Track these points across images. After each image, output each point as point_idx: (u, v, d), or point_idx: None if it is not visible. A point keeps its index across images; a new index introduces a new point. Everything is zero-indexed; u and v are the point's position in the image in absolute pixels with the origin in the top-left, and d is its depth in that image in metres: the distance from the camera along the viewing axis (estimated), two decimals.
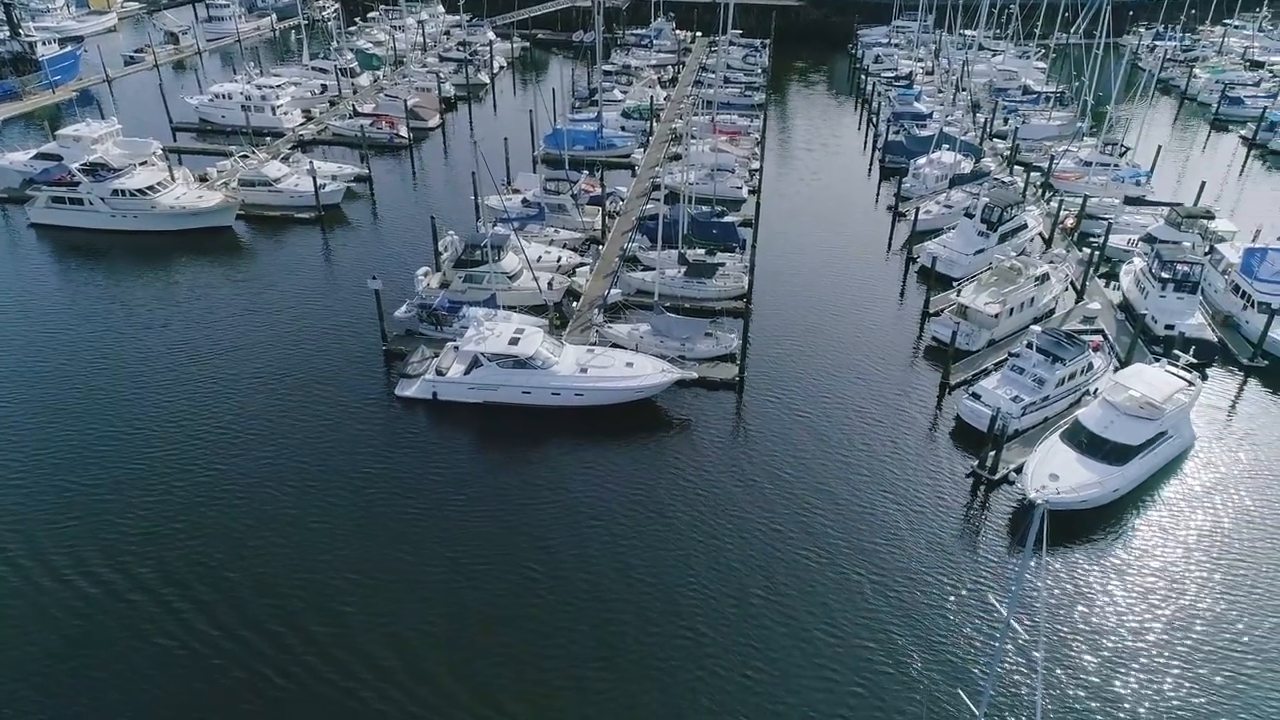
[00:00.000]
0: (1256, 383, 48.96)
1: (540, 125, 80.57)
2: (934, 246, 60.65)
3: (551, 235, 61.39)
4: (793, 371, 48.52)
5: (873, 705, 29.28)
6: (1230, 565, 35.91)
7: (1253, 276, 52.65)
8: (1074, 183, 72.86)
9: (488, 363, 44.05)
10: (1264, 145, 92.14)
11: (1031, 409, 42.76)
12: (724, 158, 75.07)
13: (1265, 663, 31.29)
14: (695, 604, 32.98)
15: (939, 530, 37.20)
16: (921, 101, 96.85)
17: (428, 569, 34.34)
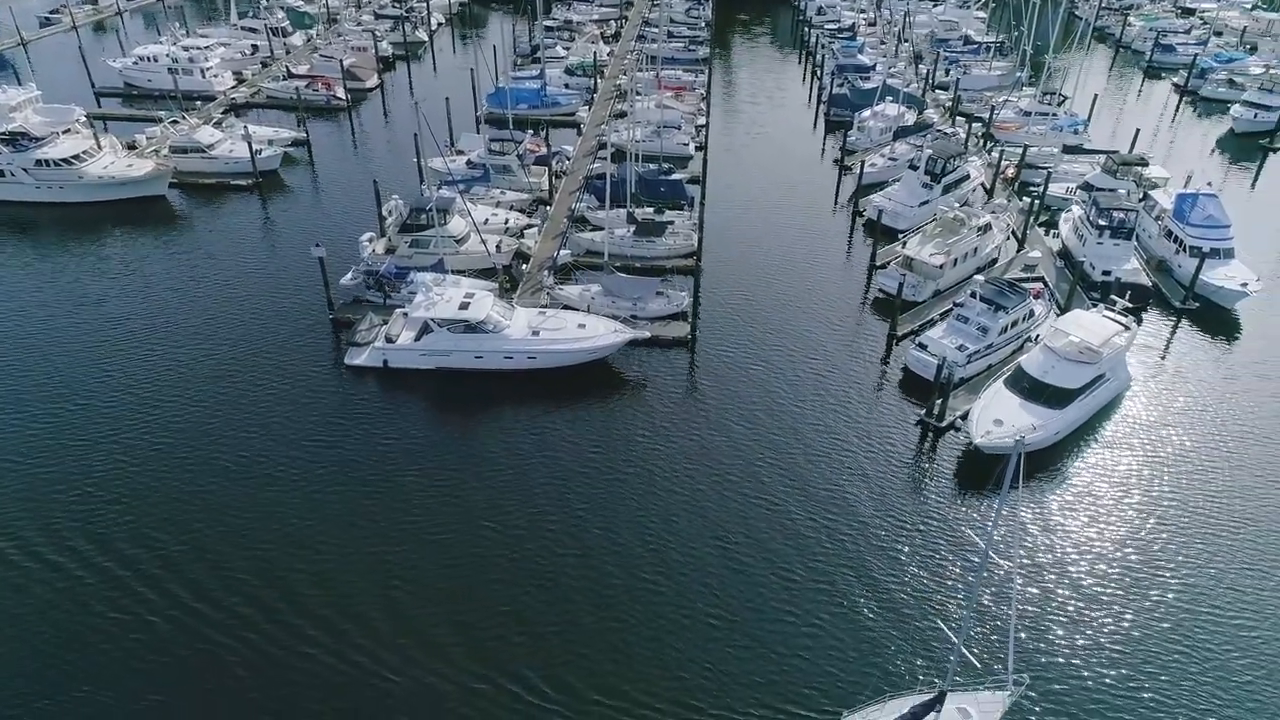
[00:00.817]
0: (1188, 324, 50.73)
1: (482, 84, 79.01)
2: (880, 199, 61.25)
3: (498, 197, 60.60)
4: (744, 327, 48.92)
5: (831, 643, 30.16)
6: (1165, 497, 37.56)
7: (1184, 221, 54.23)
8: (1014, 133, 73.99)
9: (438, 328, 43.60)
10: (1195, 92, 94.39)
11: (976, 357, 43.80)
12: (670, 114, 74.58)
13: (1199, 579, 32.97)
14: (655, 558, 33.48)
15: (890, 478, 38.13)
16: (864, 54, 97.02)
17: (385, 537, 34.20)
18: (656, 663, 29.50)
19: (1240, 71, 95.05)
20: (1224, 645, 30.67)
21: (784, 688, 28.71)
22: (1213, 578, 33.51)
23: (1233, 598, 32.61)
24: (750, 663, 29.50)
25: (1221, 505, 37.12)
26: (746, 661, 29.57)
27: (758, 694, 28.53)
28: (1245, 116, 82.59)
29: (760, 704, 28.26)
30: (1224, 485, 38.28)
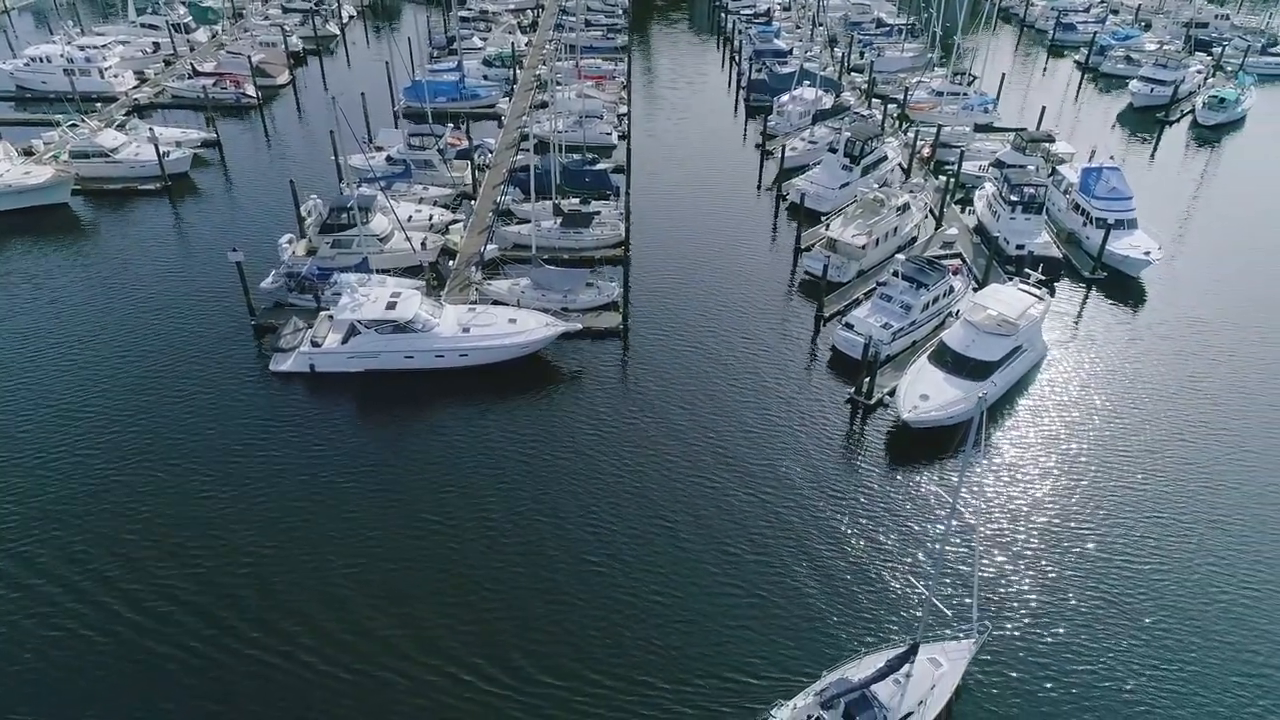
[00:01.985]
0: (1098, 293, 52.98)
1: (398, 77, 77.50)
2: (802, 183, 62.23)
3: (420, 193, 59.67)
4: (675, 314, 49.27)
5: (800, 612, 30.84)
6: (1083, 455, 39.50)
7: (1090, 195, 56.51)
8: (928, 113, 75.93)
9: (365, 330, 42.82)
10: (1095, 69, 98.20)
11: (901, 334, 45.00)
12: (591, 103, 74.38)
13: (1114, 530, 34.75)
14: (600, 541, 33.72)
15: (826, 456, 38.99)
16: (781, 38, 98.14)
17: (325, 540, 33.59)
18: (610, 643, 29.91)
19: (1136, 48, 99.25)
20: (1138, 592, 32.46)
21: (762, 653, 29.71)
22: (1126, 529, 35.47)
23: (1142, 545, 34.67)
24: (711, 635, 30.08)
25: (1132, 460, 39.27)
26: (718, 633, 30.15)
27: (738, 660, 29.48)
28: (1142, 91, 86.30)
29: (740, 670, 29.14)
30: (1134, 441, 40.43)
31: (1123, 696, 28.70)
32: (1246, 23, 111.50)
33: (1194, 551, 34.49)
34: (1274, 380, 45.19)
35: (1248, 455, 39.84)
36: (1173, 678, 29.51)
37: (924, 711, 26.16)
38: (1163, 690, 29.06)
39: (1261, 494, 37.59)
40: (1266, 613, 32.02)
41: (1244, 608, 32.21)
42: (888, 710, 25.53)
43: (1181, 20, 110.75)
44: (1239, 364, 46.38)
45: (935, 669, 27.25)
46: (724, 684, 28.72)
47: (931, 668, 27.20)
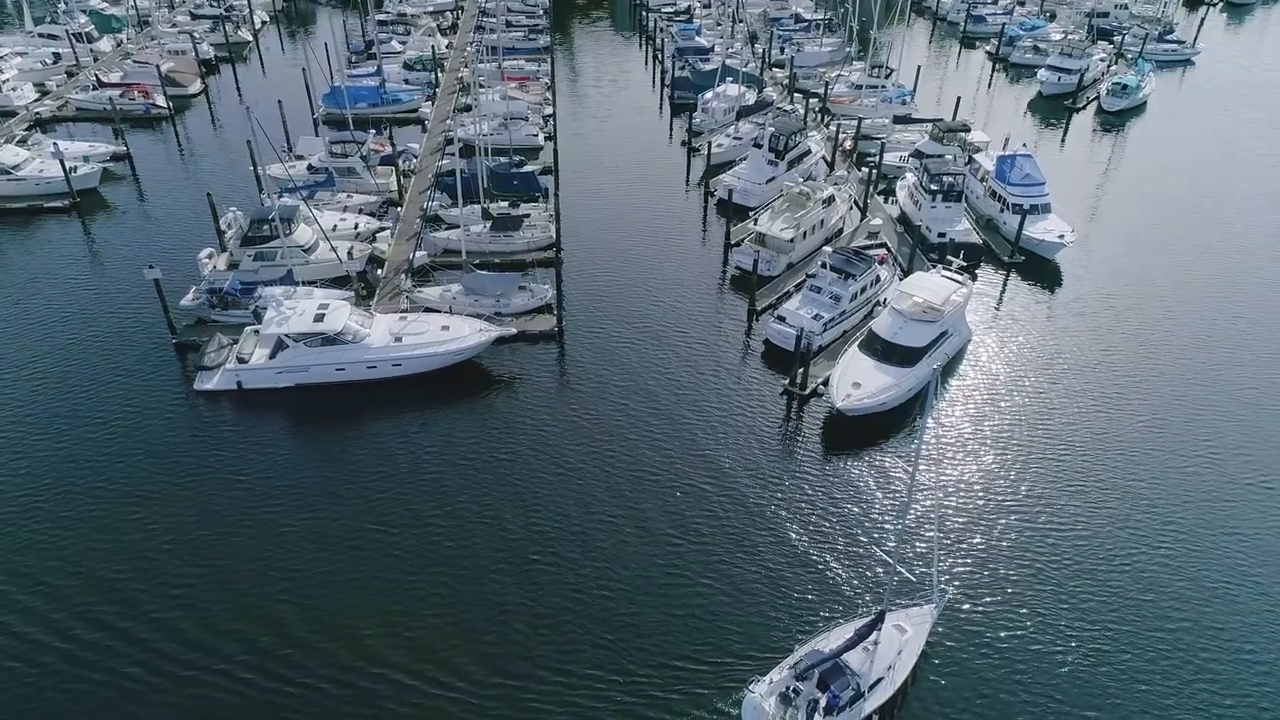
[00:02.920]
0: (1017, 277, 54.80)
1: (316, 84, 75.81)
2: (729, 178, 62.87)
3: (345, 201, 58.47)
4: (609, 314, 49.33)
5: (765, 594, 31.21)
6: (1010, 430, 41.19)
7: (1006, 181, 58.39)
8: (848, 106, 77.41)
9: (293, 343, 41.85)
10: (1005, 59, 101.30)
11: (831, 325, 45.87)
12: (516, 105, 73.91)
13: (1043, 495, 36.29)
14: (544, 540, 33.69)
15: (764, 448, 39.56)
16: (702, 36, 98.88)
17: (260, 557, 32.78)
18: (559, 638, 29.99)
19: (1042, 38, 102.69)
20: (1062, 558, 33.94)
21: (732, 636, 30.70)
22: (1050, 499, 37.08)
23: (1064, 514, 36.38)
24: (682, 622, 30.48)
25: (1054, 433, 41.04)
26: (697, 619, 30.52)
27: (714, 642, 30.44)
28: (1050, 80, 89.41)
29: (719, 650, 30.11)
30: (1055, 415, 42.21)
31: (1057, 654, 29.84)
32: (1143, 12, 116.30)
33: (1111, 518, 36.19)
34: (1181, 351, 47.50)
35: (1158, 422, 41.94)
36: (1098, 636, 30.93)
37: (893, 675, 27.53)
38: (1088, 649, 30.42)
39: (1170, 459, 39.57)
40: (1178, 571, 33.75)
41: (1157, 569, 33.90)
42: (860, 677, 26.88)
43: (1083, 10, 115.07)
44: (1148, 337, 48.64)
45: (901, 635, 28.67)
46: (704, 666, 29.45)
47: (897, 634, 28.62)
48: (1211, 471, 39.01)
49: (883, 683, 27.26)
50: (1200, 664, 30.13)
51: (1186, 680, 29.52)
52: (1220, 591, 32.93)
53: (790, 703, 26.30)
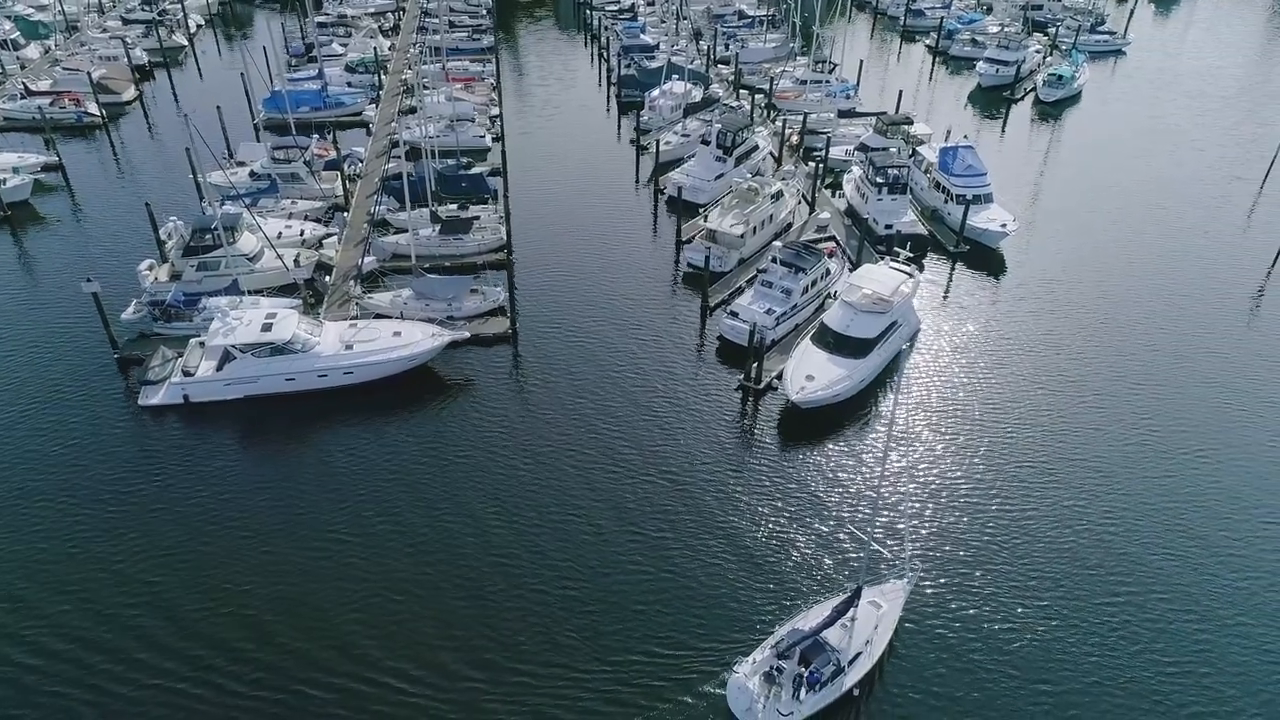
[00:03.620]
0: (962, 266, 55.93)
1: (256, 88, 74.29)
2: (678, 176, 63.09)
3: (289, 208, 57.50)
4: (564, 315, 49.22)
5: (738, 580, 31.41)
6: (960, 412, 42.14)
7: (949, 173, 59.49)
8: (793, 101, 78.17)
9: (241, 355, 41.04)
10: (945, 52, 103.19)
11: (784, 319, 46.32)
12: (462, 106, 73.32)
13: (992, 467, 37.01)
14: (513, 539, 33.52)
15: (721, 441, 39.81)
16: (647, 34, 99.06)
17: (215, 567, 32.10)
18: (528, 631, 29.98)
19: (980, 31, 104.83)
20: (1013, 529, 34.72)
21: (708, 620, 31.18)
22: (998, 473, 38.24)
23: (1013, 487, 37.58)
24: (662, 610, 30.67)
25: (1001, 412, 42.33)
26: (677, 607, 30.56)
27: (690, 627, 30.94)
28: (989, 72, 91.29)
29: (700, 635, 30.58)
30: (1002, 396, 43.51)
31: (1014, 627, 30.60)
32: (1076, 4, 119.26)
33: (1060, 490, 37.47)
34: (1119, 330, 49.00)
35: (1100, 399, 43.38)
36: (1055, 605, 31.84)
37: (871, 649, 28.55)
38: (1048, 614, 31.41)
39: (1112, 433, 40.95)
40: (1125, 535, 35.02)
41: (1106, 534, 35.11)
42: (839, 653, 27.78)
43: (1019, 3, 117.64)
44: (1088, 318, 50.11)
45: (876, 610, 29.63)
46: (687, 650, 29.93)
47: (873, 610, 29.55)
48: (1152, 443, 40.46)
49: (861, 657, 28.25)
50: (1148, 624, 31.15)
51: (1144, 644, 30.48)
52: (1163, 558, 34.09)
53: (774, 680, 27.03)
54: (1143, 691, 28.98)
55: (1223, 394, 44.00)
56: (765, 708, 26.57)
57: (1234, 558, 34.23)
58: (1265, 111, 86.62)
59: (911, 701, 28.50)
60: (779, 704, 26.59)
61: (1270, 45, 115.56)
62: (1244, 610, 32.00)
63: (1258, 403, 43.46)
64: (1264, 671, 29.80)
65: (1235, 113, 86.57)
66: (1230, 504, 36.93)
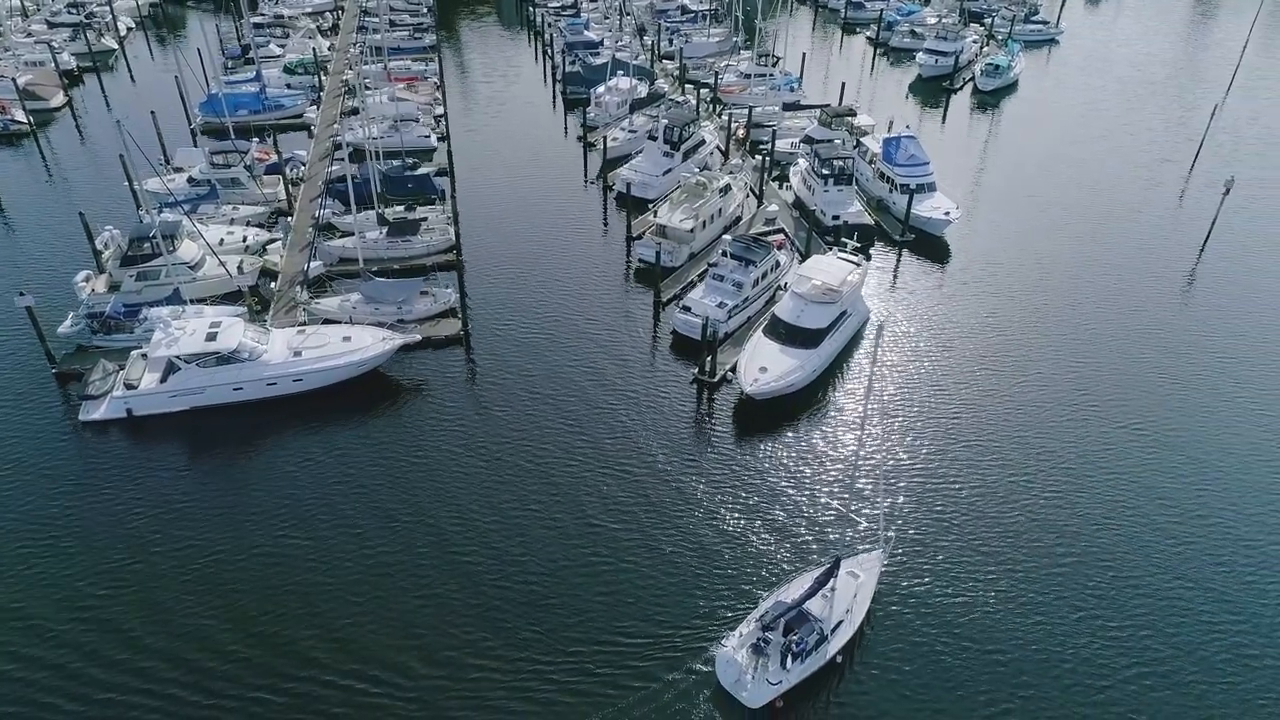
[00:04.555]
0: (909, 254, 56.89)
1: (192, 92, 72.59)
2: (626, 172, 63.13)
3: (231, 213, 56.25)
4: (516, 314, 48.96)
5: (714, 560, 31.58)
6: (910, 396, 42.91)
7: (893, 163, 60.44)
8: (738, 95, 78.65)
9: (185, 365, 40.10)
10: (885, 44, 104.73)
11: (736, 312, 46.66)
12: (405, 106, 72.42)
13: (940, 454, 37.78)
14: (470, 541, 33.29)
15: (679, 435, 39.96)
16: (591, 30, 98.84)
17: (166, 591, 31.36)
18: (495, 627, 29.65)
19: (919, 23, 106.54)
20: (958, 508, 35.47)
21: (689, 602, 31.69)
22: (944, 454, 39.06)
23: (958, 467, 38.29)
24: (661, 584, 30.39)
25: (948, 394, 43.29)
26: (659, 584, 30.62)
27: (671, 610, 31.22)
28: (928, 63, 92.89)
29: (685, 615, 31.29)
30: (949, 379, 44.44)
31: (983, 584, 31.31)
32: None
33: (1004, 466, 38.57)
34: (1057, 309, 50.49)
35: (1038, 376, 44.74)
36: (997, 583, 32.54)
37: (851, 618, 29.66)
38: (991, 590, 32.18)
39: (1053, 409, 42.24)
40: (1068, 509, 36.12)
41: (1046, 509, 36.17)
42: (822, 622, 28.80)
43: None
44: (1028, 299, 51.52)
45: (855, 580, 30.69)
46: (672, 630, 30.52)
47: (851, 580, 30.60)
48: (1091, 417, 41.79)
49: (843, 625, 29.34)
50: (1089, 591, 32.26)
51: (1075, 608, 31.48)
52: (1105, 527, 35.32)
53: (761, 651, 27.80)
54: (1086, 657, 29.98)
55: (1158, 367, 45.63)
56: (754, 678, 27.40)
57: (1171, 525, 35.52)
58: (1190, 96, 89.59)
59: (892, 664, 29.58)
60: (767, 673, 27.44)
61: (1194, 31, 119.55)
62: (1181, 575, 33.28)
63: (1190, 375, 45.13)
64: (1198, 631, 30.97)
65: (1163, 98, 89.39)
66: (1166, 474, 38.30)
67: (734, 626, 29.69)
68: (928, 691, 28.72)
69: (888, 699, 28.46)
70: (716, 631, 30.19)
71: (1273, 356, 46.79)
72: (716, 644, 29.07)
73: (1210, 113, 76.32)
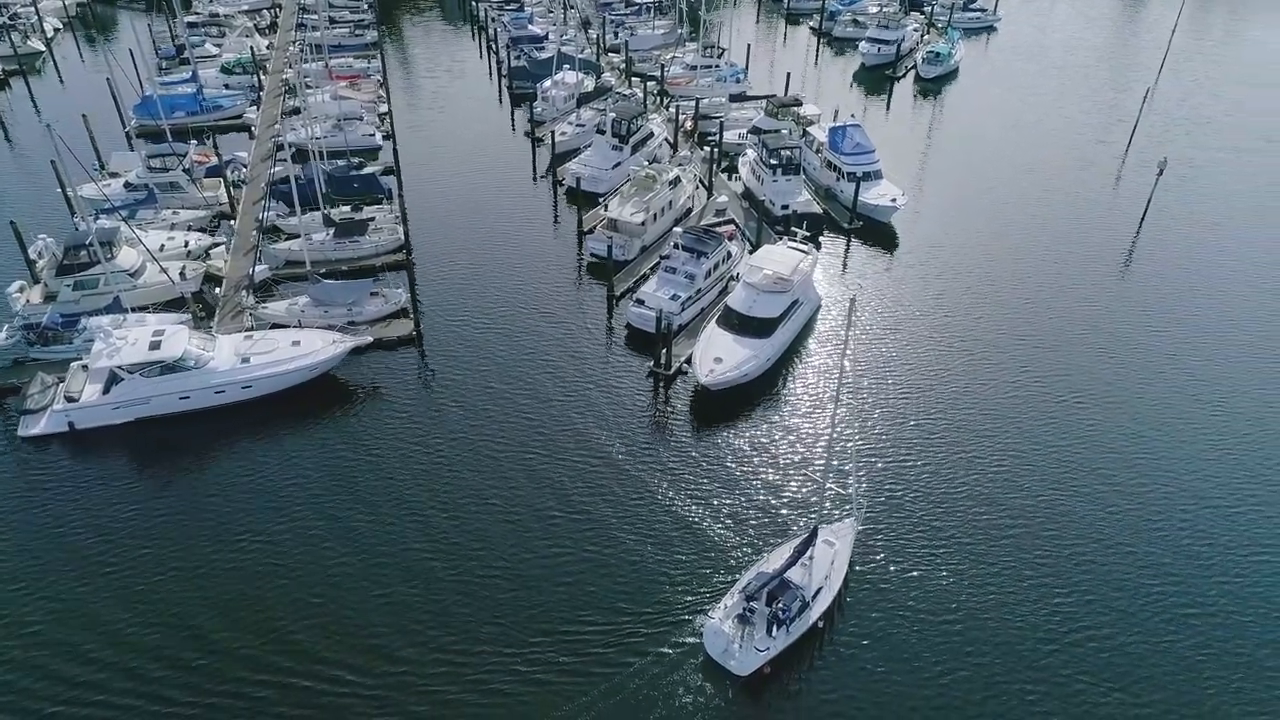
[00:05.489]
0: (857, 242, 57.63)
1: (125, 94, 70.61)
2: (575, 166, 62.92)
3: (171, 218, 54.81)
4: (469, 313, 48.58)
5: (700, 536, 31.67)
6: (862, 378, 43.44)
7: (839, 151, 61.14)
8: (685, 87, 78.85)
9: (129, 375, 39.07)
10: (829, 34, 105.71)
11: (689, 303, 46.85)
12: (348, 105, 71.34)
13: (891, 434, 38.45)
14: (429, 545, 32.99)
15: (637, 429, 40.02)
16: (535, 24, 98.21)
17: (115, 599, 30.61)
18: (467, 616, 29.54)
19: (860, 12, 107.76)
20: (910, 477, 36.20)
21: (670, 582, 31.95)
22: (895, 434, 39.74)
23: (906, 443, 39.14)
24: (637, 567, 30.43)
25: (897, 376, 44.12)
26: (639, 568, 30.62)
27: (650, 590, 31.65)
28: (871, 52, 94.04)
29: (669, 592, 31.98)
30: (897, 360, 45.34)
31: (940, 550, 32.02)
32: None
33: (951, 445, 39.40)
34: (1000, 289, 51.90)
35: (984, 353, 45.94)
36: (957, 551, 33.49)
37: (830, 584, 30.71)
38: (963, 544, 32.83)
39: (998, 385, 43.36)
40: (1014, 483, 37.04)
41: (994, 484, 37.03)
42: (803, 589, 29.90)
43: None
44: (973, 280, 52.79)
45: (830, 548, 31.82)
46: (656, 607, 31.17)
47: (828, 548, 31.73)
48: (1035, 393, 42.91)
49: (823, 592, 30.34)
50: (1033, 562, 33.27)
51: (1023, 577, 32.52)
52: (1047, 499, 36.45)
53: (747, 621, 28.68)
54: (1021, 615, 31.11)
55: (1097, 344, 47.02)
56: (742, 647, 28.26)
57: (1109, 493, 36.75)
58: (1123, 78, 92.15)
59: (870, 628, 30.64)
60: (755, 641, 28.34)
61: (1126, 17, 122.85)
62: (1122, 536, 34.68)
63: (1128, 348, 46.69)
64: (1136, 596, 32.01)
65: (1097, 82, 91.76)
66: (1104, 446, 39.56)
67: (719, 598, 30.39)
68: (907, 649, 29.83)
69: (869, 660, 29.51)
70: (698, 608, 30.73)
71: (1206, 331, 48.44)
72: (705, 614, 29.84)
73: (1143, 96, 78.51)
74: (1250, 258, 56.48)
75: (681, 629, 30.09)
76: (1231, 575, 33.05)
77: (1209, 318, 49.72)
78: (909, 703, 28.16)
